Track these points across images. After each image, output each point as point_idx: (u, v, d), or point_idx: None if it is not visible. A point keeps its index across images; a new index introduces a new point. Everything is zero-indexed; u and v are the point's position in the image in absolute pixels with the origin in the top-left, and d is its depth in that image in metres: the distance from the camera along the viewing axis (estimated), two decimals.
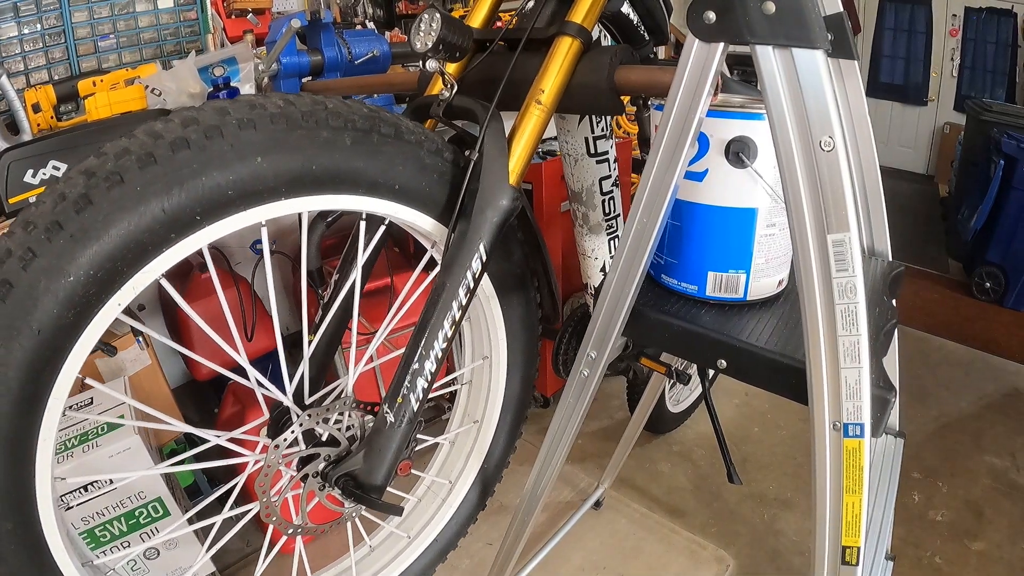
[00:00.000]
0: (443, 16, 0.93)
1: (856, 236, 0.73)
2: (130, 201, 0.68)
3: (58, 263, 0.66)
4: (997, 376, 2.78)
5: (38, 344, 0.68)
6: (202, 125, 0.73)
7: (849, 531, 0.84)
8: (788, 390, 0.93)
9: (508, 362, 1.23)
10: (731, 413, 2.43)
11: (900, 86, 6.28)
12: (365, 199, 0.87)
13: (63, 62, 2.58)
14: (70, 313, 0.69)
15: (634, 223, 0.90)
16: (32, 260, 0.66)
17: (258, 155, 0.75)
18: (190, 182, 0.71)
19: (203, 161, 0.72)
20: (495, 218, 0.91)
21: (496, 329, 1.17)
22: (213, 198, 0.73)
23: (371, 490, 0.95)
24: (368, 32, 2.05)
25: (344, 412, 1.01)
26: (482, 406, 1.28)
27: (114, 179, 0.68)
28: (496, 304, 1.14)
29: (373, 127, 0.84)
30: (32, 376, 0.69)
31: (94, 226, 0.67)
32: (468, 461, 1.32)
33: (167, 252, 0.74)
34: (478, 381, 1.27)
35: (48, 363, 0.70)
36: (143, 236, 0.70)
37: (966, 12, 5.71)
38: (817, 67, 0.71)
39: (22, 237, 0.67)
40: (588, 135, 1.38)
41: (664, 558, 1.80)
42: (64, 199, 0.67)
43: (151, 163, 0.70)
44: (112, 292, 0.71)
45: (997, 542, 1.87)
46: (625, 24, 1.23)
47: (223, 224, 0.77)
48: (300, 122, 0.78)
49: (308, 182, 0.80)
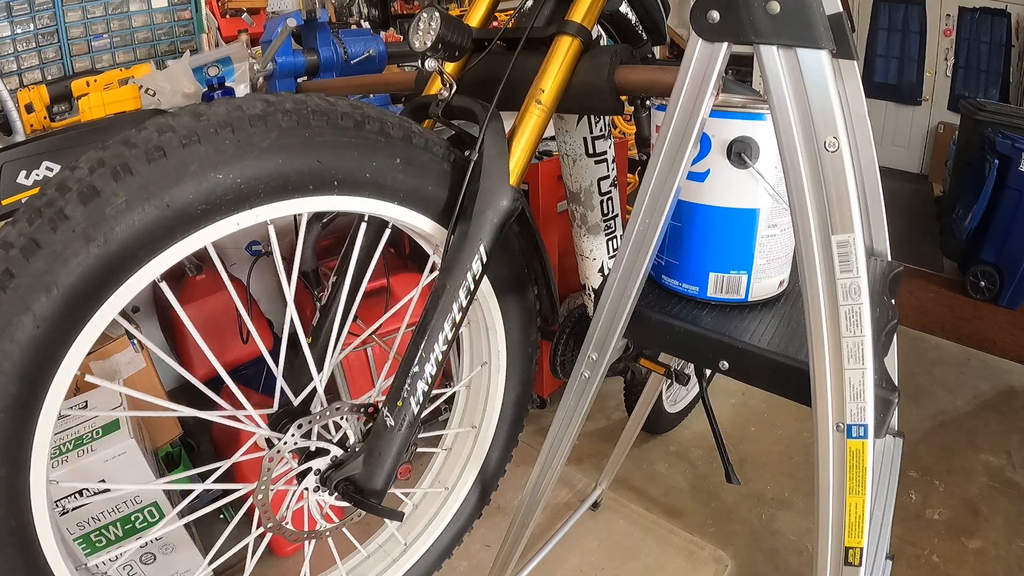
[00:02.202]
0: (443, 15, 0.92)
1: (860, 237, 0.73)
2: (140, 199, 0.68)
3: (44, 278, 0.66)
4: (992, 374, 2.78)
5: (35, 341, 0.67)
6: (247, 113, 0.73)
7: (852, 532, 0.83)
8: (790, 391, 0.93)
9: (507, 364, 1.22)
10: (728, 413, 2.43)
11: (894, 86, 6.30)
12: (365, 200, 0.86)
13: (56, 62, 2.57)
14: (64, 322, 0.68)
15: (636, 224, 0.90)
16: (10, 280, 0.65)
17: (275, 155, 0.75)
18: (202, 174, 0.71)
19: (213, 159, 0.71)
20: (495, 219, 0.91)
21: (495, 331, 1.16)
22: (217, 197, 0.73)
23: (371, 495, 0.95)
24: (364, 32, 2.04)
25: (341, 417, 1.00)
26: (480, 409, 1.27)
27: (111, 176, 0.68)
28: (495, 305, 1.14)
29: (382, 128, 0.83)
30: (29, 375, 0.68)
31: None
32: (465, 468, 1.31)
33: (168, 250, 0.73)
34: (476, 384, 1.27)
35: (45, 362, 0.69)
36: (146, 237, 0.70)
37: (960, 12, 5.72)
38: (822, 67, 0.71)
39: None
40: (587, 135, 1.37)
41: (662, 558, 1.79)
42: (39, 214, 0.67)
43: (161, 157, 0.69)
44: (110, 292, 0.71)
45: (994, 540, 1.87)
46: (623, 24, 1.23)
47: (221, 224, 0.76)
48: (311, 121, 0.77)
49: (307, 183, 0.79)
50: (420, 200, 0.92)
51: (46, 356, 0.69)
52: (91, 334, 0.72)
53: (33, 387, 0.69)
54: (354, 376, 1.82)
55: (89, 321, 0.71)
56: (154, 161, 0.69)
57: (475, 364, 1.23)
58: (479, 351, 1.22)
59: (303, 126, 0.78)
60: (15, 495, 0.73)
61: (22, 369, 0.67)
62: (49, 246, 0.66)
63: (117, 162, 0.68)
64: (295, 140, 0.77)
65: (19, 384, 0.68)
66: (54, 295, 0.67)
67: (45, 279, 0.66)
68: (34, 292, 0.66)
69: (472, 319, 1.19)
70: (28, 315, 0.66)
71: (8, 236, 0.66)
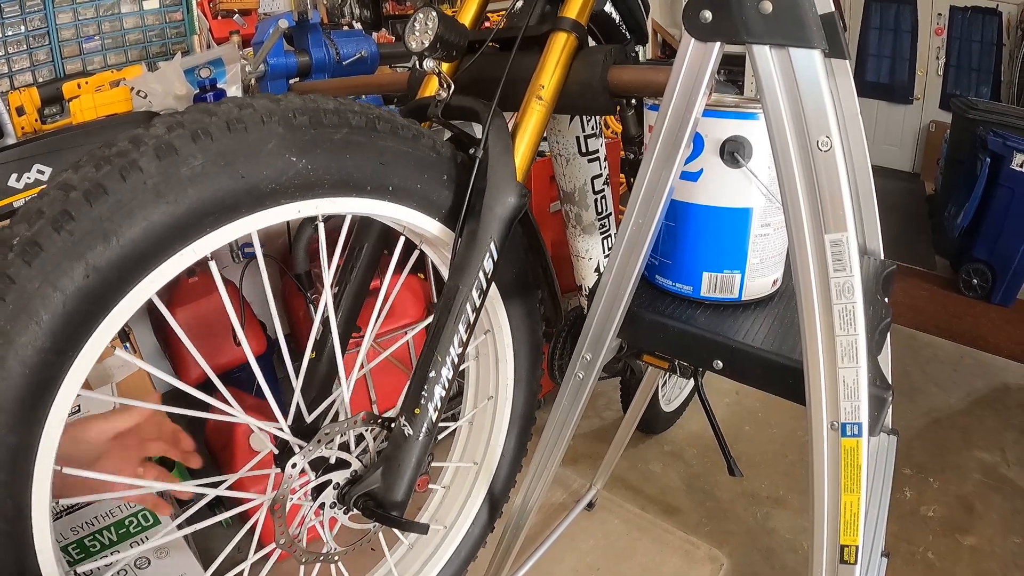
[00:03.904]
0: (440, 15, 0.91)
1: (854, 236, 0.73)
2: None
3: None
4: (985, 372, 2.80)
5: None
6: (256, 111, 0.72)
7: (847, 530, 0.83)
8: (785, 390, 0.93)
9: (515, 366, 1.19)
10: (722, 412, 2.43)
11: (886, 85, 6.31)
12: (373, 202, 0.85)
13: (47, 64, 2.56)
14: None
15: (629, 224, 0.90)
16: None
17: (288, 154, 0.74)
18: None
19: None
20: (504, 215, 0.89)
21: (503, 339, 1.15)
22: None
23: (392, 507, 0.92)
24: (356, 32, 2.04)
25: (353, 431, 0.97)
26: (488, 429, 1.25)
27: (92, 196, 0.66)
28: (502, 311, 1.12)
29: (393, 129, 0.83)
30: (35, 383, 0.65)
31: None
32: (467, 501, 1.28)
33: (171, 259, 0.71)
34: (483, 389, 1.24)
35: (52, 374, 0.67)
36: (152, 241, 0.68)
37: (951, 11, 5.74)
38: (814, 67, 0.71)
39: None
40: (579, 134, 1.37)
41: (658, 558, 1.79)
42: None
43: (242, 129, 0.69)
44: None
45: (988, 536, 1.88)
46: (607, 23, 1.23)
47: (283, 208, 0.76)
48: (323, 120, 0.76)
49: (314, 185, 0.78)
50: (428, 201, 0.90)
51: (92, 311, 0.66)
52: (133, 301, 0.68)
53: (70, 340, 0.65)
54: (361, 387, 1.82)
55: (137, 285, 0.67)
56: (235, 131, 0.69)
57: (481, 369, 1.22)
58: (485, 354, 1.20)
59: (370, 127, 0.79)
60: (21, 470, 0.69)
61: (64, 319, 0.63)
62: (116, 195, 0.63)
63: (197, 127, 0.67)
64: (362, 138, 0.79)
65: (52, 338, 0.64)
66: (112, 245, 0.64)
67: (106, 227, 0.63)
68: (91, 239, 0.63)
69: None
70: (81, 263, 0.63)
71: (71, 180, 0.63)
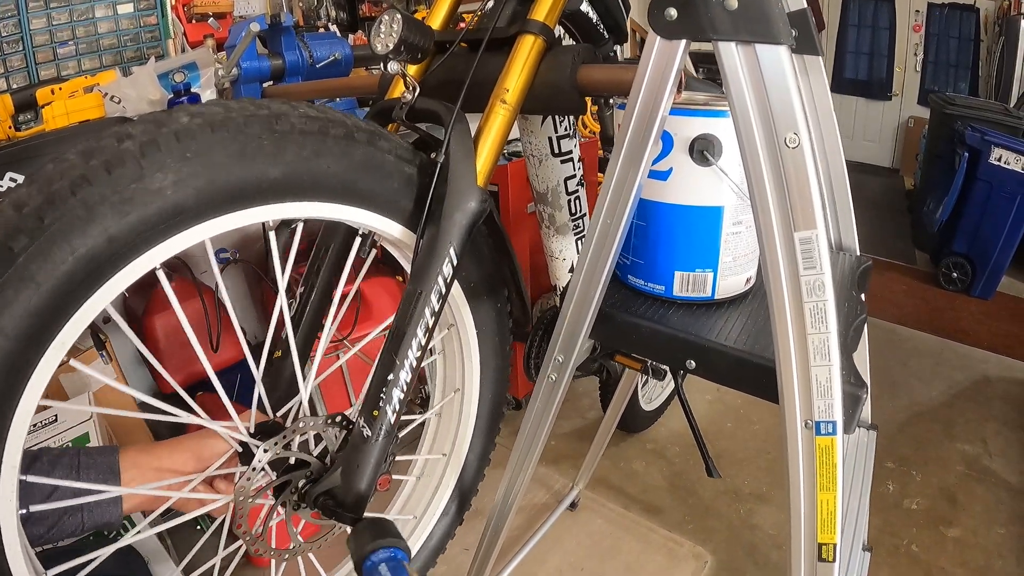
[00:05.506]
0: (404, 17, 0.90)
1: (824, 233, 0.73)
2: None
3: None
4: (966, 364, 2.82)
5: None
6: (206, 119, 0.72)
7: (824, 528, 0.83)
8: (758, 389, 0.93)
9: (480, 366, 1.20)
10: (704, 409, 2.44)
11: (864, 81, 6.37)
12: (332, 206, 0.84)
13: (21, 70, 2.54)
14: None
15: (598, 224, 0.89)
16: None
17: (240, 161, 0.74)
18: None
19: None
20: (464, 221, 0.89)
21: (468, 336, 1.15)
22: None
23: (351, 507, 0.93)
24: (329, 35, 2.02)
25: (311, 432, 0.98)
26: (455, 421, 1.25)
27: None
28: (467, 310, 1.12)
29: (348, 132, 0.82)
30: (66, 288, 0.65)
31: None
32: (436, 492, 1.29)
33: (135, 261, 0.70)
34: (450, 382, 1.24)
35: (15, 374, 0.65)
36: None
37: (929, 8, 5.81)
38: (781, 63, 0.70)
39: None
40: (552, 135, 1.36)
41: (642, 557, 1.79)
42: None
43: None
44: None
45: (972, 528, 1.89)
46: (584, 23, 1.22)
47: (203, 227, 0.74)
48: (275, 126, 0.75)
49: (273, 190, 0.77)
50: (389, 205, 0.90)
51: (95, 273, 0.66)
52: (122, 280, 0.69)
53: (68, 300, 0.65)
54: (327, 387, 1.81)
55: (129, 263, 0.68)
56: (183, 141, 0.68)
57: (448, 368, 1.21)
58: (452, 356, 1.20)
59: (322, 132, 0.79)
60: None
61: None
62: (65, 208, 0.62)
63: (147, 138, 0.67)
64: (316, 143, 0.79)
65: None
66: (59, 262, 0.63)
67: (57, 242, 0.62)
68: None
69: (442, 323, 1.17)
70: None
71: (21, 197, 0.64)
